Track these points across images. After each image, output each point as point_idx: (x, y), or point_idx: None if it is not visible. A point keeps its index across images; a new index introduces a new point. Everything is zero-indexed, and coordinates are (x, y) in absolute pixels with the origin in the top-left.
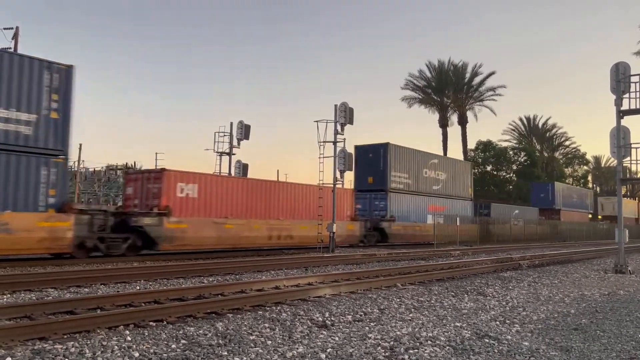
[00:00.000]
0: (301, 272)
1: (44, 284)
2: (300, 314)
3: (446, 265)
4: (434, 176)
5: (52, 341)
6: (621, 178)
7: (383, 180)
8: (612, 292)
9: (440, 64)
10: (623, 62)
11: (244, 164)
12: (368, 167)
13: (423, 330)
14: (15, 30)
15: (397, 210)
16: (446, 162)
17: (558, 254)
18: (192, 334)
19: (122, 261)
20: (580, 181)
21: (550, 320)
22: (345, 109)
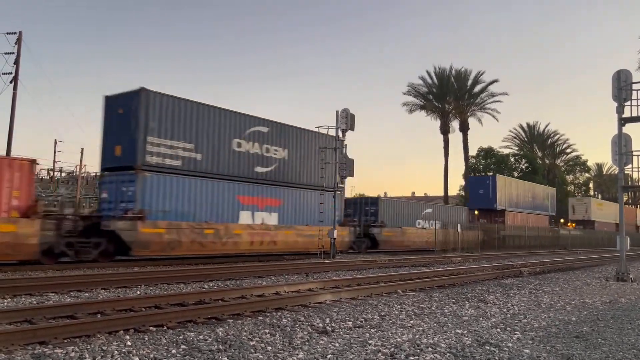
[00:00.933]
0: (302, 278)
1: (44, 288)
2: (301, 320)
3: (447, 272)
4: (261, 152)
5: (52, 345)
6: (623, 185)
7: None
8: (614, 299)
9: (442, 71)
10: (625, 70)
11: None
12: (117, 130)
13: (424, 337)
14: (19, 35)
15: None
16: (285, 132)
17: (559, 261)
18: (192, 339)
19: (123, 266)
20: (581, 188)
21: (551, 328)
22: (346, 115)
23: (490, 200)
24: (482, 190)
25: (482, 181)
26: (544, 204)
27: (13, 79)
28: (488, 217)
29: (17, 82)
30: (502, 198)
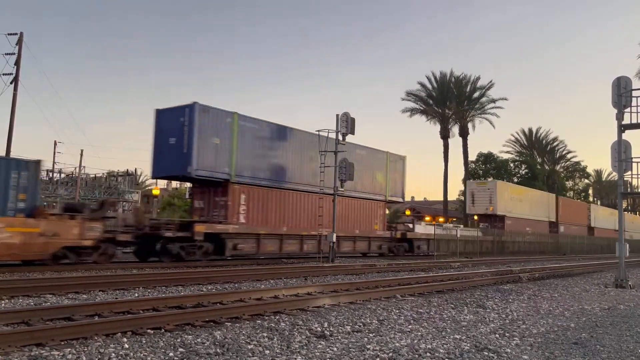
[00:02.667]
0: (300, 281)
1: (42, 289)
2: (299, 324)
3: (446, 277)
4: None
5: (49, 347)
6: (622, 192)
7: None
8: (613, 306)
9: (442, 76)
10: (624, 77)
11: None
12: None
13: (422, 342)
14: (20, 36)
15: None
16: None
17: (558, 267)
18: (189, 342)
19: (121, 268)
20: (581, 194)
21: (550, 334)
22: (346, 119)
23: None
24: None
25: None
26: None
27: (13, 80)
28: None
29: (17, 82)
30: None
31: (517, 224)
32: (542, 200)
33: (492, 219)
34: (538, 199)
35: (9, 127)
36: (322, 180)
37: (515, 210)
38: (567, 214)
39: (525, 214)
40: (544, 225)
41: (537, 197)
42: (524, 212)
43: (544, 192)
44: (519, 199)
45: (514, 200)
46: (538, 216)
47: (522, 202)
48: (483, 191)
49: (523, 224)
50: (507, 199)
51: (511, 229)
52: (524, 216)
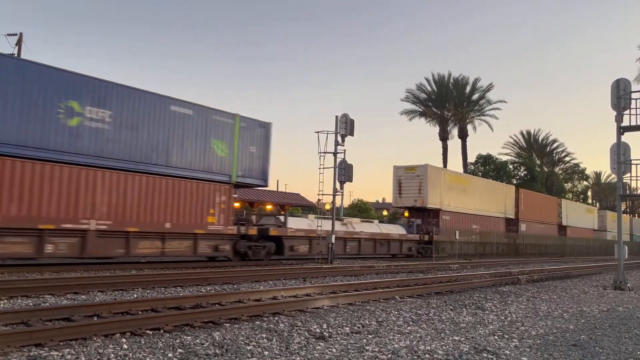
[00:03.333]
0: (299, 282)
1: (41, 290)
2: (298, 325)
3: (445, 279)
4: None
5: (48, 348)
6: (621, 194)
7: None
8: (611, 308)
9: (441, 78)
10: (624, 79)
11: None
12: None
13: (421, 343)
14: (19, 37)
15: None
16: None
17: (557, 269)
18: (188, 343)
19: (120, 269)
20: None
21: (549, 336)
22: (346, 120)
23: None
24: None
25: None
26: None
27: None
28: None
29: None
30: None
31: (458, 220)
32: (496, 192)
33: (425, 214)
34: (489, 191)
35: None
36: (322, 182)
37: (456, 202)
38: (531, 209)
39: (469, 208)
40: (497, 223)
41: (488, 188)
42: (468, 206)
43: (498, 182)
44: (461, 188)
45: (454, 191)
46: (490, 211)
47: (466, 193)
48: (412, 178)
49: (466, 220)
50: (443, 189)
51: (449, 226)
52: (469, 211)
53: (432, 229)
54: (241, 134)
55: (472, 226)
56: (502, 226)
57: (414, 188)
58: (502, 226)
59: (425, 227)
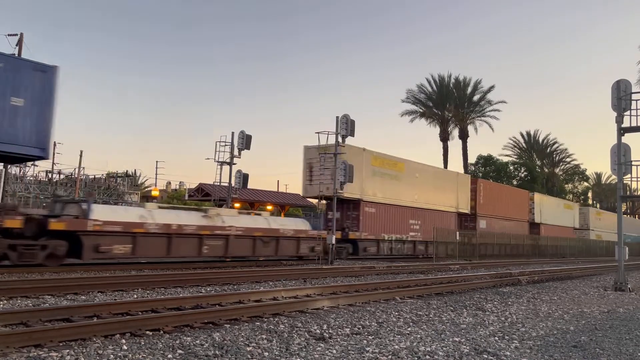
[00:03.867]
0: (300, 283)
1: (40, 290)
2: (298, 326)
3: (445, 280)
4: None
5: (48, 349)
6: (621, 195)
7: None
8: (612, 309)
9: (441, 78)
10: (624, 80)
11: (244, 174)
12: None
13: (421, 344)
14: (20, 37)
15: None
16: None
17: (558, 270)
18: (188, 344)
19: (120, 269)
20: (580, 197)
21: (549, 337)
22: (346, 121)
23: None
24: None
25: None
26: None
27: None
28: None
29: None
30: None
31: (388, 214)
32: (445, 181)
33: (345, 206)
34: (435, 180)
35: None
36: (322, 182)
37: (385, 192)
38: (494, 203)
39: (405, 200)
40: (446, 218)
41: (433, 177)
42: (403, 197)
43: (448, 170)
44: (393, 175)
45: (383, 178)
46: (436, 204)
47: (401, 181)
48: (325, 161)
49: (401, 214)
50: (367, 174)
51: (376, 221)
52: (405, 203)
53: (351, 224)
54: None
55: (409, 222)
56: (454, 222)
57: (326, 173)
58: (453, 222)
59: (344, 221)
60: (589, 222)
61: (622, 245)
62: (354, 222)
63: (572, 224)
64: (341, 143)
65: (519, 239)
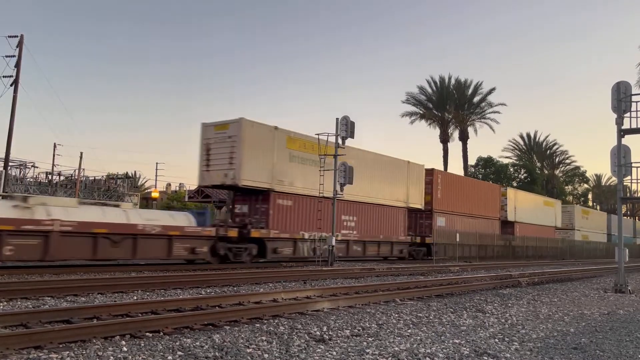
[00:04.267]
0: (300, 285)
1: (40, 292)
2: (298, 328)
3: (445, 282)
4: None
5: (48, 350)
6: (622, 197)
7: None
8: (612, 311)
9: (442, 80)
10: (624, 82)
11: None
12: None
13: (421, 346)
14: (20, 39)
15: None
16: None
17: (557, 271)
18: (188, 345)
19: (120, 270)
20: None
21: (549, 339)
22: (346, 123)
23: None
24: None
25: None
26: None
27: (14, 82)
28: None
29: (17, 85)
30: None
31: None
32: (391, 170)
33: (253, 198)
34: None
35: (8, 129)
36: (322, 184)
37: (305, 181)
38: (455, 198)
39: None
40: (393, 215)
41: (372, 164)
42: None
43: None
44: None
45: (303, 163)
46: (378, 197)
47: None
48: (223, 141)
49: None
50: (279, 159)
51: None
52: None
53: (259, 219)
54: None
55: (342, 218)
56: (402, 219)
57: (224, 156)
58: (401, 219)
59: (252, 216)
60: (575, 222)
61: (622, 247)
62: (263, 216)
63: (553, 222)
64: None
65: (488, 238)
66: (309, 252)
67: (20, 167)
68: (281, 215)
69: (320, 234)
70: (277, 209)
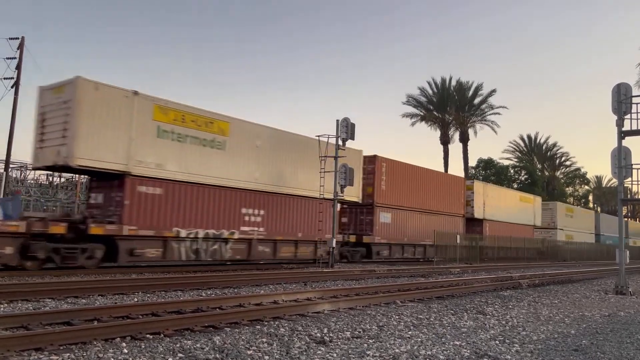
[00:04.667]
0: (300, 287)
1: (41, 294)
2: (299, 330)
3: (446, 283)
4: None
5: (48, 352)
6: (622, 198)
7: None
8: (613, 313)
9: (443, 81)
10: (625, 83)
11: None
12: None
13: (422, 348)
14: (21, 41)
15: None
16: None
17: (558, 273)
18: (189, 347)
19: (121, 272)
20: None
21: (550, 341)
22: (347, 125)
23: None
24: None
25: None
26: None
27: (14, 84)
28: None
29: (18, 87)
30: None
31: (190, 197)
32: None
33: (108, 185)
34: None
35: (9, 131)
36: (322, 186)
37: (186, 164)
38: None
39: (235, 179)
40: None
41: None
42: (231, 174)
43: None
44: (209, 140)
45: (181, 141)
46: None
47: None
48: (58, 109)
49: (223, 200)
50: (140, 133)
51: (157, 209)
52: (232, 183)
53: (113, 211)
54: None
55: (241, 212)
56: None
57: (58, 127)
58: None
59: (106, 208)
60: (557, 220)
61: (623, 249)
62: (118, 208)
63: (531, 221)
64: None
65: (449, 238)
66: (189, 254)
67: (21, 168)
68: (144, 207)
69: (209, 231)
70: (138, 199)
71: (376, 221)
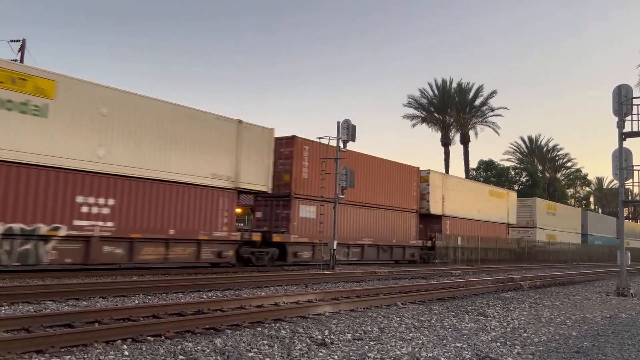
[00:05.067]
0: (301, 289)
1: (42, 296)
2: (300, 332)
3: (447, 285)
4: None
5: (49, 354)
6: (623, 200)
7: None
8: (614, 314)
9: (444, 83)
10: (625, 85)
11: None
12: None
13: (423, 350)
14: (22, 43)
15: None
16: None
17: (559, 275)
18: (190, 349)
19: (121, 274)
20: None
21: (551, 343)
22: (347, 126)
23: None
24: None
25: None
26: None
27: None
28: None
29: None
30: None
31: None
32: (204, 131)
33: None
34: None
35: None
36: (323, 187)
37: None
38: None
39: (65, 157)
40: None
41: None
42: (58, 150)
43: (211, 113)
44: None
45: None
46: (173, 171)
47: (48, 119)
48: None
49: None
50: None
51: None
52: (59, 162)
53: None
54: None
55: (76, 201)
56: (226, 207)
57: None
58: (218, 206)
59: None
60: (537, 218)
61: (624, 250)
62: None
63: (505, 219)
64: (343, 149)
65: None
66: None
67: None
68: None
69: (11, 225)
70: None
71: (294, 216)
